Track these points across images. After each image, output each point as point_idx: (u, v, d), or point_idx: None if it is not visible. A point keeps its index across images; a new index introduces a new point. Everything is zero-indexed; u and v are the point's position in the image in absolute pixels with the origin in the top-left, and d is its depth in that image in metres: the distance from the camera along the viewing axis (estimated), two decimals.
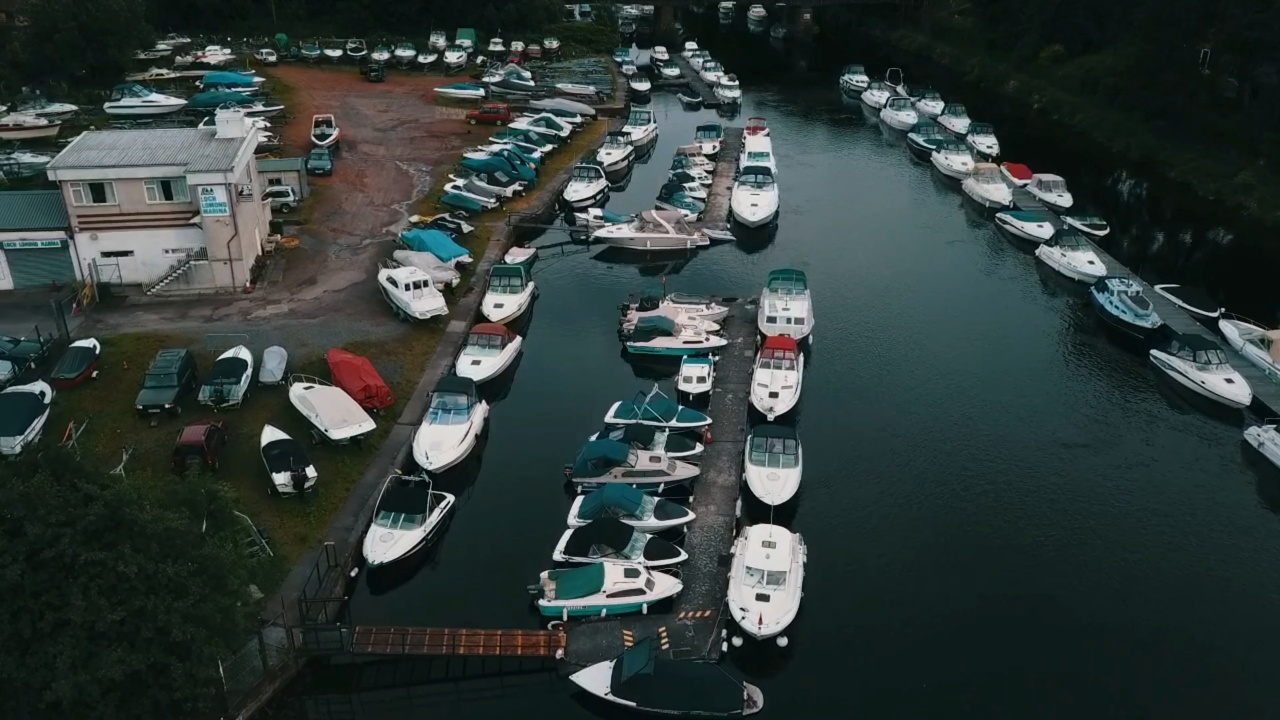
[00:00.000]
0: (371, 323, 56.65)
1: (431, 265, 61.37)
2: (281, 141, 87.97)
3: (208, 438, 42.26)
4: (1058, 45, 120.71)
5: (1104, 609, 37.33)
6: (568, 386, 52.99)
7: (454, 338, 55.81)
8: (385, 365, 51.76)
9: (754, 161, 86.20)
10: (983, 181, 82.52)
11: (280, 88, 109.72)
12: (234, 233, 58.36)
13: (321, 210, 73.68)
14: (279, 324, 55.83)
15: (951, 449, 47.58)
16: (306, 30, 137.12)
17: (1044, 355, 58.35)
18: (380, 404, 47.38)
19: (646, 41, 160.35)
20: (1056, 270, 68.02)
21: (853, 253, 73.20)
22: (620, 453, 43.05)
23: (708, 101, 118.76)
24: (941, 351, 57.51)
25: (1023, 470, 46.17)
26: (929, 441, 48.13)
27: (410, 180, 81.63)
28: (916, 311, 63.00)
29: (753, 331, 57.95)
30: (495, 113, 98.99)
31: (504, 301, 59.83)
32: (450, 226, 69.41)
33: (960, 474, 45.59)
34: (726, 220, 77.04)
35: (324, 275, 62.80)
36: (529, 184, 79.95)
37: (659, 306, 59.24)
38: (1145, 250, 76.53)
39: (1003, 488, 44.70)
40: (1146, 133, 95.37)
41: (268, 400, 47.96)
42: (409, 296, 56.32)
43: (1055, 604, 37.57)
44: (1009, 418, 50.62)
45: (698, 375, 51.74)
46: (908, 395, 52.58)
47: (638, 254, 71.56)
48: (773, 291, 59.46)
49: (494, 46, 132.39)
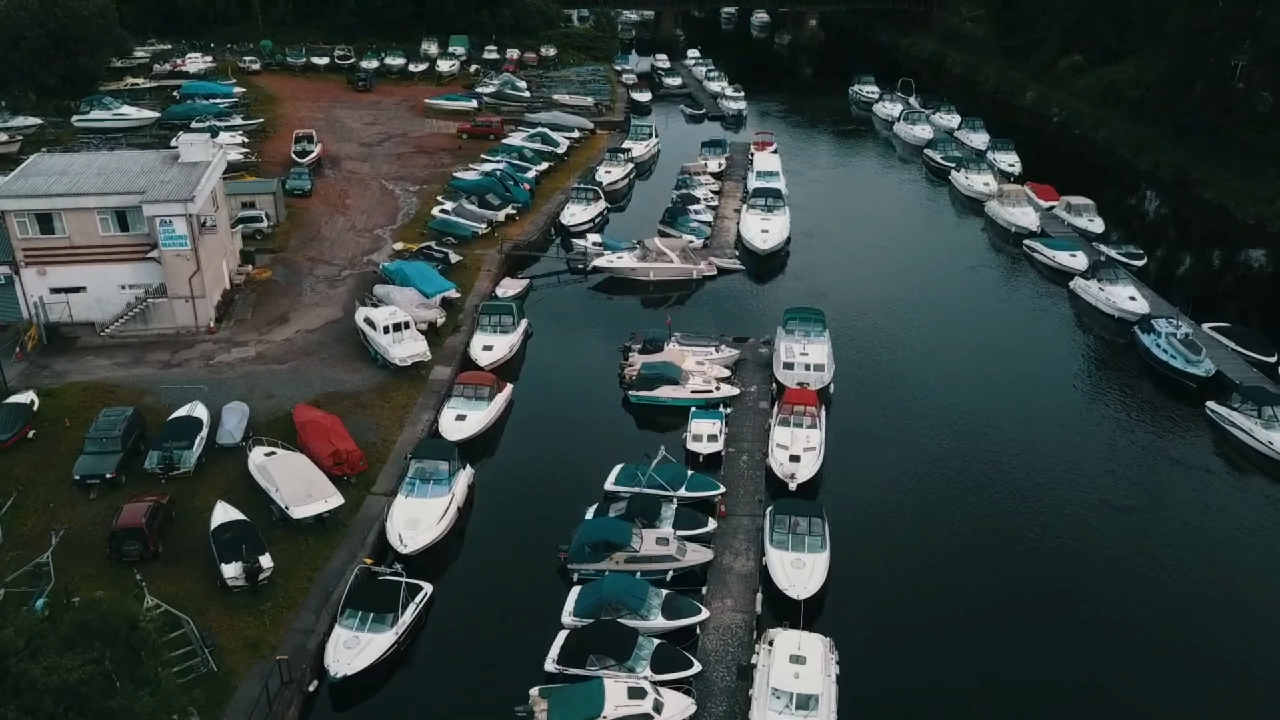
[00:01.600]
0: (346, 369, 51.27)
1: (414, 302, 55.98)
2: (259, 158, 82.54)
3: (150, 518, 36.84)
4: (1077, 55, 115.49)
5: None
6: (563, 444, 47.61)
7: (437, 386, 50.42)
8: (359, 422, 46.36)
9: (763, 182, 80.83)
10: (1008, 204, 77.15)
11: (262, 98, 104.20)
12: (196, 268, 52.98)
13: (298, 236, 68.25)
14: (244, 371, 50.44)
15: (992, 518, 42.43)
16: (293, 36, 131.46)
17: (1084, 403, 53.11)
18: (351, 470, 41.98)
19: (647, 48, 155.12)
20: (1094, 306, 62.67)
21: (870, 282, 67.82)
22: (622, 535, 37.69)
23: (711, 113, 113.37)
24: (972, 399, 52.24)
25: (1076, 542, 41.09)
26: (965, 510, 42.90)
27: (395, 202, 76.20)
28: (943, 351, 57.70)
29: (767, 378, 52.64)
30: (488, 126, 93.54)
31: (494, 343, 54.46)
32: (437, 256, 64.02)
33: (1007, 550, 40.42)
34: (734, 247, 71.70)
35: (297, 312, 57.38)
36: (523, 207, 74.54)
37: (663, 349, 53.88)
38: (1185, 282, 70.93)
39: (1056, 564, 39.59)
40: (1177, 150, 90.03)
41: (225, 465, 42.57)
42: (388, 341, 50.93)
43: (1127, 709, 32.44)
44: (1052, 478, 45.47)
45: (708, 433, 46.38)
46: (938, 450, 47.37)
47: (640, 284, 66.27)
48: (789, 333, 54.11)
49: (488, 54, 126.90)
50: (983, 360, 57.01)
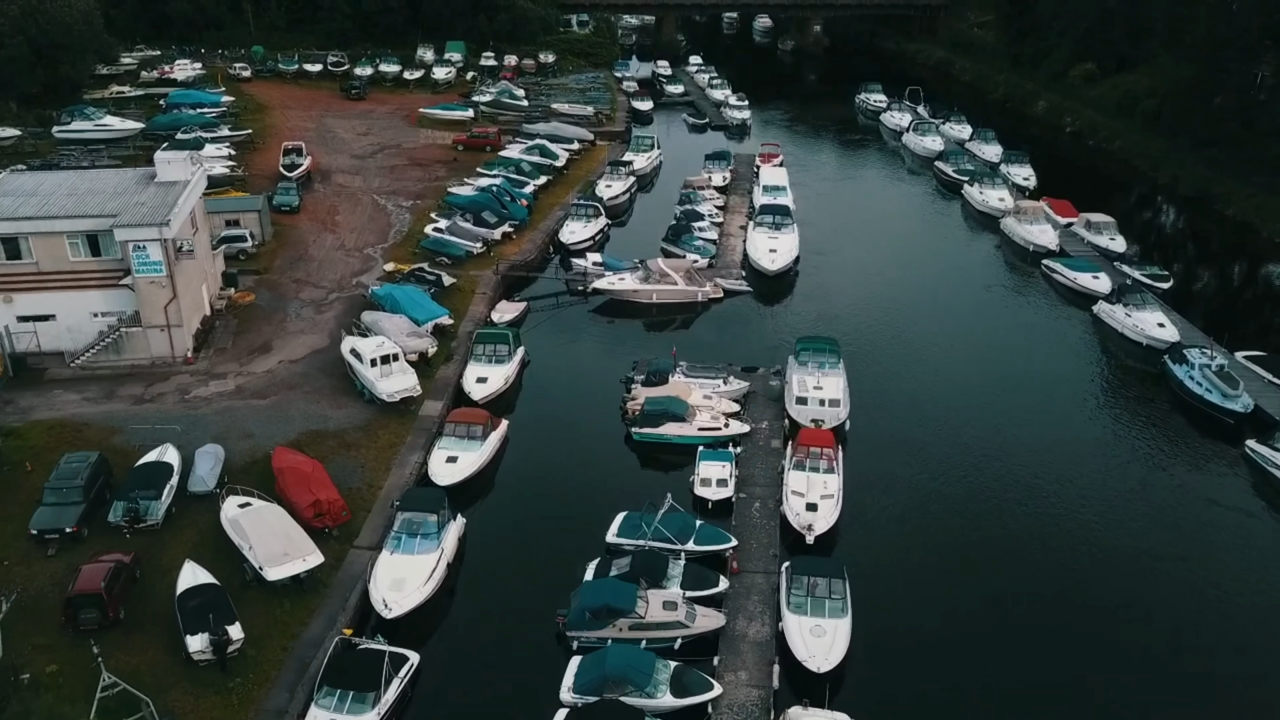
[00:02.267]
0: (331, 404, 48.12)
1: (404, 331, 52.84)
2: (246, 171, 79.38)
3: (110, 581, 33.67)
4: (1090, 63, 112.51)
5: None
6: (561, 488, 44.42)
7: (428, 423, 47.26)
8: (343, 464, 43.25)
9: (770, 198, 77.73)
10: (1024, 222, 74.05)
11: (252, 107, 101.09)
12: (172, 296, 49.84)
13: (285, 256, 65.10)
14: (221, 407, 47.29)
15: (1024, 570, 39.43)
16: (286, 42, 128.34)
17: (1114, 439, 49.94)
18: (333, 522, 38.84)
19: (647, 53, 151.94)
20: (1119, 332, 59.56)
21: (882, 304, 64.63)
22: (626, 599, 34.52)
23: (715, 123, 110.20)
24: (995, 434, 49.27)
25: (1115, 597, 38.12)
26: (994, 564, 39.80)
27: (387, 218, 73.07)
28: (962, 380, 54.71)
29: (779, 413, 49.51)
30: (485, 137, 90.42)
31: (488, 374, 51.35)
32: (429, 278, 60.87)
33: (1043, 608, 37.35)
34: (741, 267, 68.60)
35: (281, 340, 54.24)
36: (520, 224, 71.38)
37: (668, 381, 50.76)
38: (1214, 306, 67.69)
39: (1098, 624, 36.52)
40: (1197, 163, 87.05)
41: (196, 515, 39.41)
42: (375, 375, 47.79)
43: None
44: (1085, 524, 42.55)
45: (717, 477, 43.26)
46: (962, 494, 44.33)
47: (642, 307, 63.19)
48: (801, 365, 51.00)
49: (485, 60, 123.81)
50: (1004, 390, 53.97)
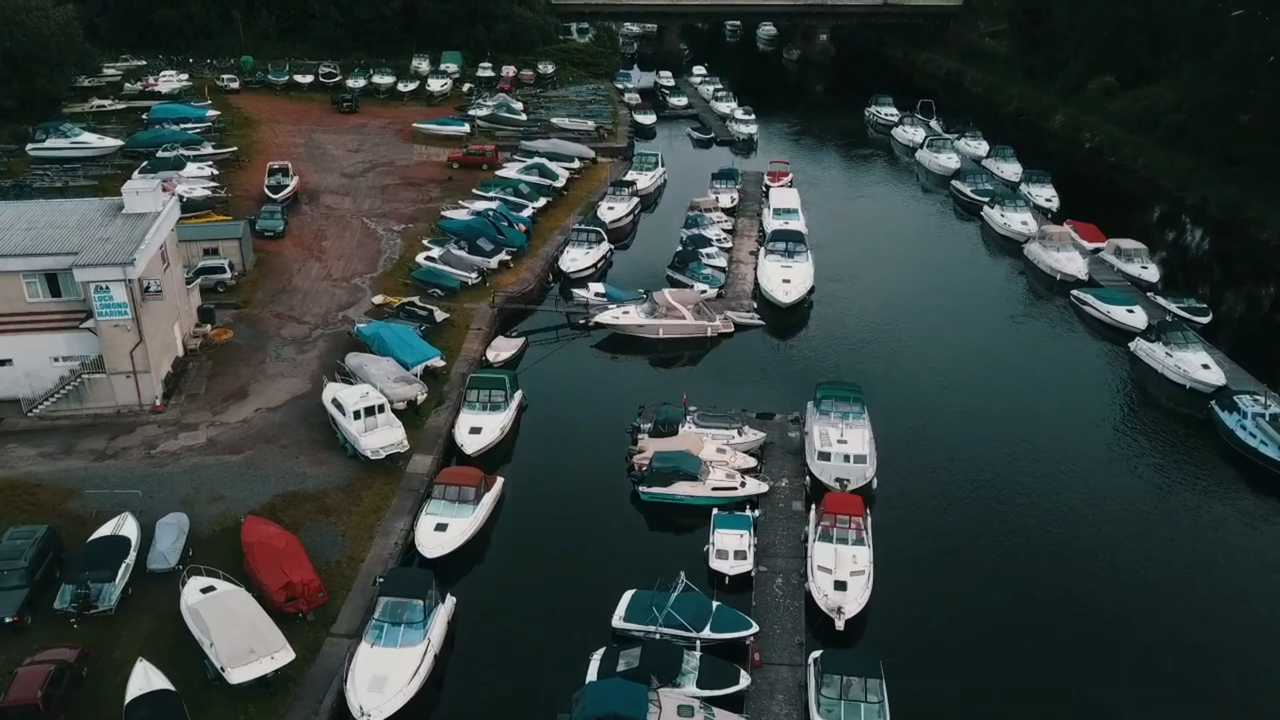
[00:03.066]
0: (310, 460, 44.05)
1: (392, 376, 48.78)
2: (229, 192, 75.32)
3: (49, 688, 29.63)
4: (1108, 75, 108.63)
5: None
6: (563, 558, 40.32)
7: (416, 482, 43.19)
8: (321, 532, 39.22)
9: (781, 221, 73.77)
10: (1050, 248, 70.02)
11: (239, 121, 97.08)
12: (138, 340, 45.80)
13: (267, 287, 61.06)
14: (190, 464, 43.23)
15: (1077, 654, 35.31)
16: (277, 51, 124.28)
17: (1160, 494, 46.05)
18: (307, 606, 34.82)
19: (649, 63, 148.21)
20: (1159, 372, 55.55)
21: (902, 338, 60.57)
22: (636, 707, 30.34)
23: (721, 137, 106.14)
24: (1032, 490, 45.45)
25: (1180, 682, 34.30)
26: (1043, 651, 35.80)
27: (377, 244, 69.00)
28: (992, 426, 50.67)
29: (799, 469, 45.49)
30: (481, 155, 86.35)
31: (483, 424, 47.27)
32: (421, 313, 56.80)
33: (1107, 692, 33.50)
34: (752, 298, 64.60)
35: (258, 384, 50.18)
36: (518, 251, 67.34)
37: (678, 432, 46.77)
38: (1257, 343, 63.09)
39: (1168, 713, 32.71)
40: (1226, 183, 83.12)
41: (155, 598, 35.37)
42: (358, 429, 43.72)
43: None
44: (1139, 594, 39.04)
45: (735, 548, 39.22)
46: (999, 560, 40.50)
47: (648, 342, 59.23)
48: (823, 414, 46.97)
49: (483, 71, 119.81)
50: (1037, 438, 49.83)
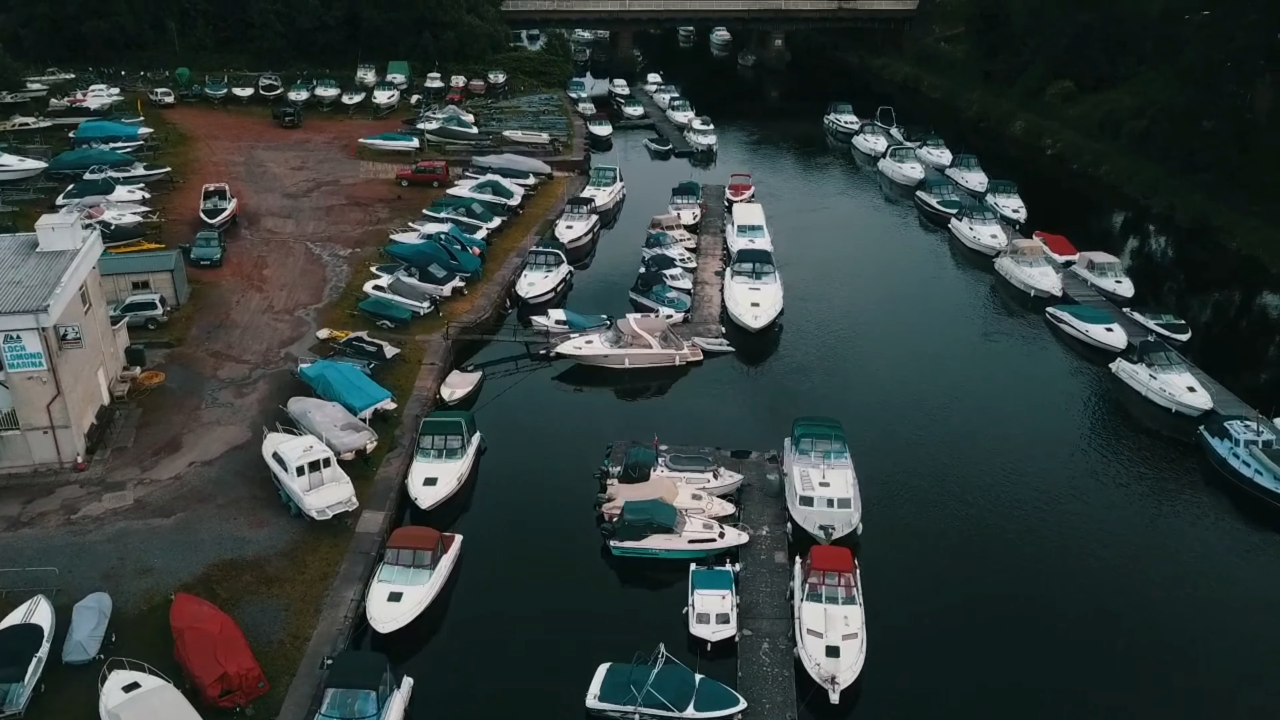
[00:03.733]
0: (250, 521, 40.29)
1: (338, 423, 45.11)
2: (163, 217, 70.87)
3: None
4: (1067, 80, 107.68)
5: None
6: (529, 625, 36.95)
7: (367, 543, 39.65)
8: (262, 608, 35.59)
9: (747, 239, 71.06)
10: (1023, 263, 68.09)
11: (174, 138, 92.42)
12: (55, 392, 41.74)
13: (202, 322, 56.95)
14: (115, 530, 39.23)
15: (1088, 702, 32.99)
16: (214, 63, 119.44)
17: (1151, 524, 44.08)
18: (245, 699, 31.23)
19: (602, 70, 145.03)
20: (1142, 395, 53.61)
21: (876, 360, 58.32)
22: None
23: (679, 149, 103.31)
24: (1021, 522, 43.49)
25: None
26: (1051, 703, 33.42)
27: (322, 271, 65.09)
28: (974, 453, 48.62)
29: (780, 514, 42.68)
30: (431, 171, 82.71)
31: (438, 473, 43.77)
32: (369, 349, 53.14)
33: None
34: (720, 322, 61.76)
35: (192, 434, 46.17)
36: (472, 276, 63.79)
37: (649, 477, 43.70)
38: (1236, 360, 61.31)
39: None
40: (1191, 190, 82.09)
41: (72, 696, 31.51)
42: (303, 486, 40.06)
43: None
44: (1149, 637, 36.77)
45: (716, 611, 36.23)
46: (994, 604, 37.97)
47: (613, 373, 56.17)
48: (802, 454, 44.15)
49: (431, 82, 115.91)
50: (1023, 468, 47.49)
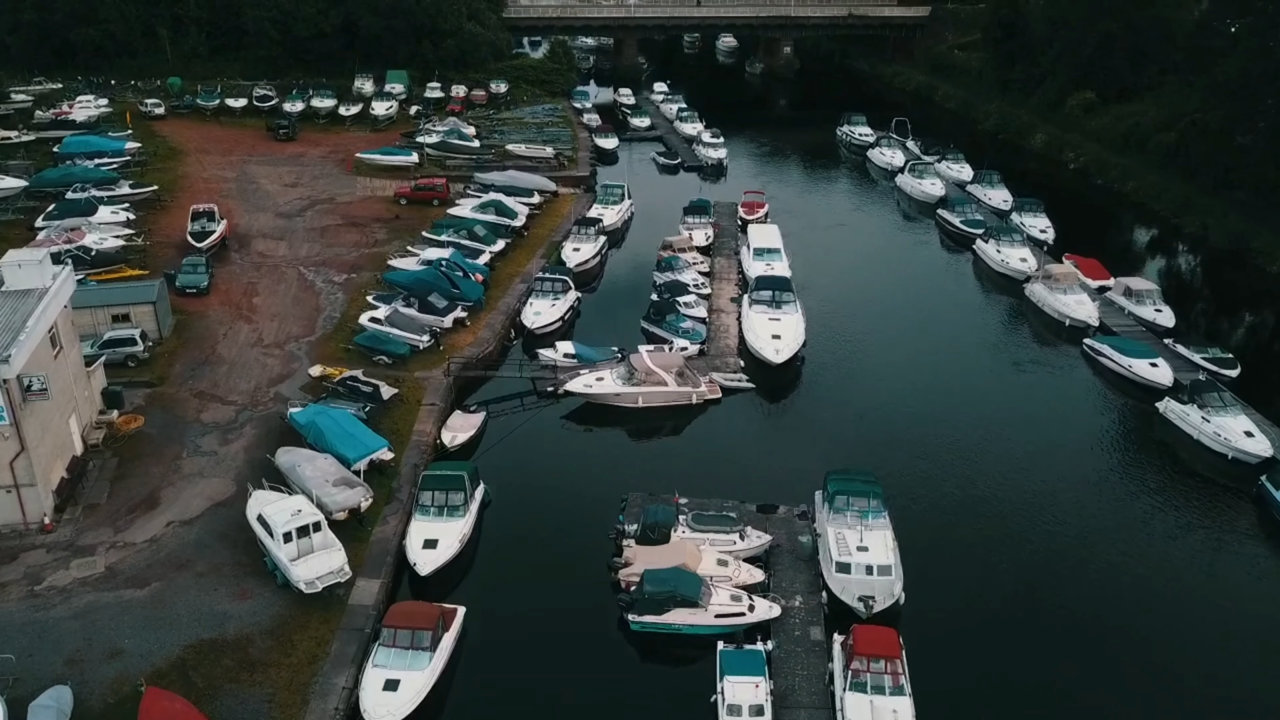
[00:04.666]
0: (232, 593, 36.59)
1: (331, 477, 41.35)
2: (148, 239, 67.20)
3: None
4: (1089, 91, 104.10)
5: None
6: (538, 714, 33.41)
7: (361, 617, 35.92)
8: (243, 699, 31.86)
9: (764, 263, 67.37)
10: (1057, 290, 64.38)
11: (163, 151, 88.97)
12: (19, 449, 38.06)
13: (187, 358, 53.30)
14: (83, 604, 35.55)
15: None
16: (207, 71, 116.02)
17: (1208, 584, 40.33)
18: None
19: (606, 78, 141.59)
20: (1195, 439, 49.91)
21: (905, 396, 54.28)
22: None
23: (688, 163, 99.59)
24: (1081, 590, 39.44)
25: None
26: None
27: (316, 299, 61.39)
28: (1019, 509, 44.72)
29: (812, 579, 38.97)
30: (431, 189, 79.07)
31: (439, 534, 40.05)
32: (365, 390, 49.41)
33: None
34: (738, 354, 57.97)
35: (172, 488, 42.45)
36: (475, 305, 60.09)
37: (669, 539, 40.01)
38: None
39: None
40: (1225, 209, 78.53)
41: None
42: (290, 555, 36.35)
43: None
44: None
45: (750, 701, 32.43)
46: (1050, 686, 34.12)
47: (626, 411, 52.52)
48: (836, 513, 40.42)
49: (431, 91, 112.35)
50: (1070, 522, 43.80)
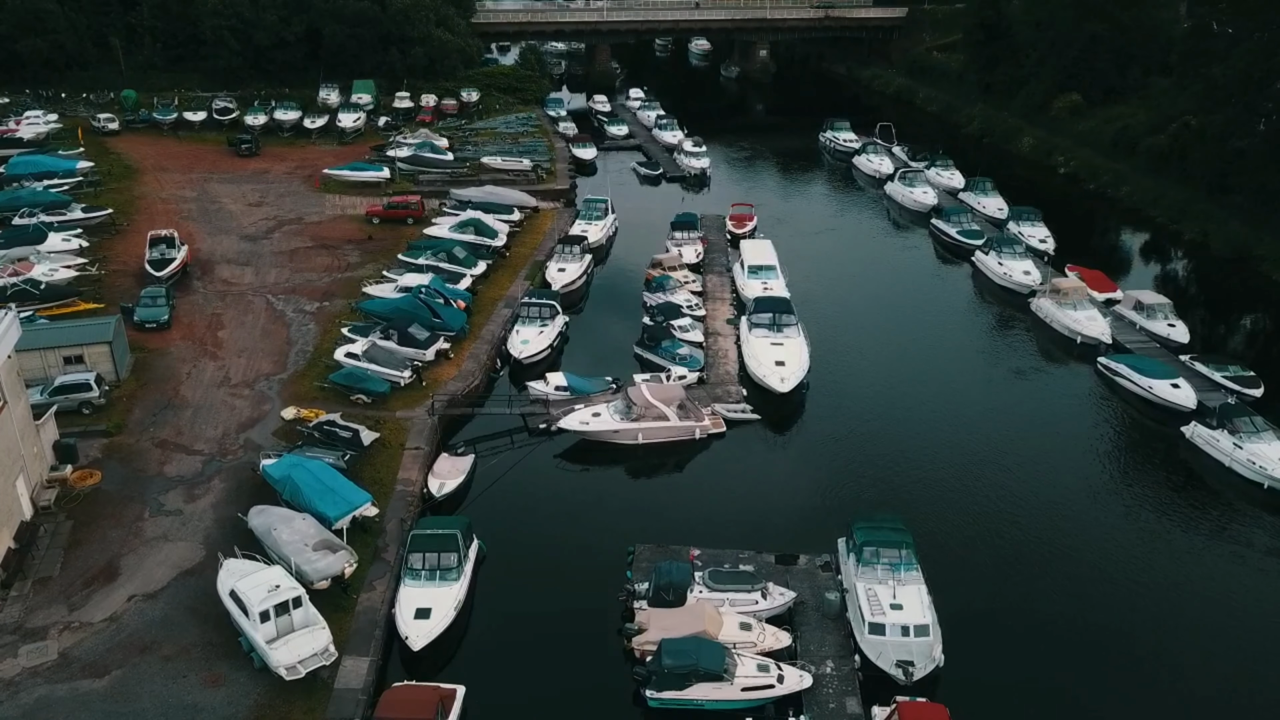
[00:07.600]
0: (203, 678, 32.71)
1: (310, 540, 37.52)
2: (103, 268, 62.77)
3: None
4: (1074, 94, 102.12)
5: None
6: None
7: (349, 704, 32.18)
8: None
9: (760, 282, 64.15)
10: (1065, 306, 61.77)
11: (118, 170, 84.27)
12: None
13: (147, 402, 49.14)
14: (33, 699, 31.54)
15: None
16: (164, 83, 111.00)
17: (1262, 626, 37.67)
18: None
19: (579, 84, 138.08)
20: (1226, 466, 47.34)
21: (918, 426, 51.34)
22: None
23: (670, 173, 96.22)
24: (1127, 645, 36.39)
25: None
26: None
27: (286, 331, 57.33)
28: (1052, 552, 41.78)
29: (842, 641, 35.78)
30: (405, 206, 75.14)
31: (431, 602, 36.34)
32: (344, 435, 45.53)
33: None
34: (739, 382, 54.70)
35: (133, 555, 38.42)
36: (458, 335, 56.36)
37: (686, 600, 36.65)
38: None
39: None
40: (1225, 215, 76.60)
41: None
42: (267, 635, 32.54)
43: None
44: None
45: None
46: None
47: (624, 448, 49.10)
48: (865, 566, 37.22)
49: (400, 101, 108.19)
50: (1108, 568, 40.97)
